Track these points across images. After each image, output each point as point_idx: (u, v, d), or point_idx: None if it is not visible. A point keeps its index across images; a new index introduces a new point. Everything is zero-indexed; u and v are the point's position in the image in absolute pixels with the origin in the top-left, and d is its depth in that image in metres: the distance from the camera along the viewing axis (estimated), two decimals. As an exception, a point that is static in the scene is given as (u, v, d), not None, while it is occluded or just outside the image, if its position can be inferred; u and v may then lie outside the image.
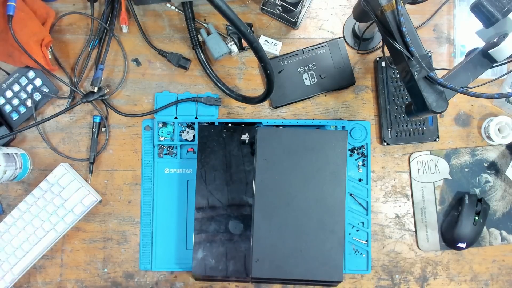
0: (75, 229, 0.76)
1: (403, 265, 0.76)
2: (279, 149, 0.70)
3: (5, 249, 0.72)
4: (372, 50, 0.79)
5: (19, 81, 0.76)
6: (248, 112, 0.78)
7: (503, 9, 0.47)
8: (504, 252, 0.77)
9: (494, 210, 0.77)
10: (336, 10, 0.79)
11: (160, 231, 0.75)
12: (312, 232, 0.69)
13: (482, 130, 0.77)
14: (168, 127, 0.77)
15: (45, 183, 0.74)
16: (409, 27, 0.50)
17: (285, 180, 0.70)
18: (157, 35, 0.78)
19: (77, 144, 0.77)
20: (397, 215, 0.77)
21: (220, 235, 0.70)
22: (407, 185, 0.78)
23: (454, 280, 0.76)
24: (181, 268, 0.75)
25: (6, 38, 0.69)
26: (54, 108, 0.78)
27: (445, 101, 0.51)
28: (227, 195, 0.70)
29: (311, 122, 0.76)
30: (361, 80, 0.78)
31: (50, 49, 0.76)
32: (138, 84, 0.78)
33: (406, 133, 0.76)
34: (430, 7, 0.78)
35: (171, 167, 0.76)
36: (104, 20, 0.77)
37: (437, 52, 0.79)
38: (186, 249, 0.75)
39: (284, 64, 0.77)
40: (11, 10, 0.66)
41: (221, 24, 0.78)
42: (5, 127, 0.75)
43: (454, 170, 0.77)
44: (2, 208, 0.76)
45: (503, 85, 0.78)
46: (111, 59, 0.78)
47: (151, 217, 0.75)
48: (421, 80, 0.51)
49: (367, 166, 0.76)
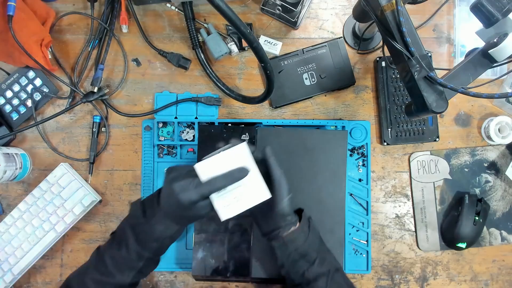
0: (75, 229, 0.76)
1: (403, 265, 0.76)
2: (279, 149, 0.70)
3: (5, 249, 0.72)
4: (372, 50, 0.79)
5: (19, 81, 0.76)
6: (248, 112, 0.78)
7: (503, 9, 0.47)
8: (504, 252, 0.77)
9: (494, 210, 0.77)
10: (336, 10, 0.79)
11: (160, 231, 0.75)
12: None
13: (482, 130, 0.77)
14: (168, 127, 0.77)
15: (45, 183, 0.74)
16: (409, 27, 0.50)
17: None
18: (157, 35, 0.78)
19: (77, 144, 0.77)
20: (397, 215, 0.77)
21: (220, 235, 0.70)
22: (407, 185, 0.78)
23: (454, 280, 0.76)
24: (181, 268, 0.75)
25: (6, 38, 0.68)
26: (54, 108, 0.78)
27: (445, 101, 0.51)
28: (227, 195, 0.70)
29: (311, 122, 0.76)
30: (361, 80, 0.78)
31: (50, 49, 0.76)
32: (138, 84, 0.78)
33: (406, 133, 0.76)
34: (430, 7, 0.79)
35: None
36: (104, 20, 0.77)
37: (437, 52, 0.79)
38: (186, 249, 0.75)
39: (284, 64, 0.76)
40: (11, 10, 0.66)
41: (221, 24, 0.78)
42: (5, 127, 0.75)
43: (454, 170, 0.77)
44: (2, 208, 0.76)
45: (503, 85, 0.78)
46: (111, 59, 0.78)
47: (151, 217, 0.75)
48: (421, 80, 0.51)
49: (367, 166, 0.76)
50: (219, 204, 0.52)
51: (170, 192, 0.51)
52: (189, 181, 0.51)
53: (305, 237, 0.58)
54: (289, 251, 0.57)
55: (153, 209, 0.55)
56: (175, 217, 0.54)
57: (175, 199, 0.51)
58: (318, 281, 0.56)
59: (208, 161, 0.52)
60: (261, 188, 0.53)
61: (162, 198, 0.54)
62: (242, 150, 0.53)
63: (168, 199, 0.53)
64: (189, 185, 0.51)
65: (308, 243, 0.58)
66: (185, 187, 0.51)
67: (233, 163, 0.52)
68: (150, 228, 0.54)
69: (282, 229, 0.58)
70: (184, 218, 0.55)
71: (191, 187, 0.50)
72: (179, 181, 0.51)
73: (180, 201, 0.50)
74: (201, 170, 0.51)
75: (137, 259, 0.55)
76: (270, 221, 0.59)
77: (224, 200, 0.52)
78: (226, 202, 0.52)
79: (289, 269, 0.59)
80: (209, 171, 0.51)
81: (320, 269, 0.57)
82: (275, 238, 0.58)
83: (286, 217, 0.58)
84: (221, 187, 0.51)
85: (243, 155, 0.53)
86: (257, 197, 0.53)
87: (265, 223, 0.60)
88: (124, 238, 0.55)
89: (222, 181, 0.51)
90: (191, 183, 0.51)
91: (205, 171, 0.51)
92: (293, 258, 0.58)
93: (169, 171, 0.55)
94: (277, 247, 0.59)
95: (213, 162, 0.52)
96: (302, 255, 0.57)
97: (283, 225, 0.58)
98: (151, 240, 0.55)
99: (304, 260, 0.57)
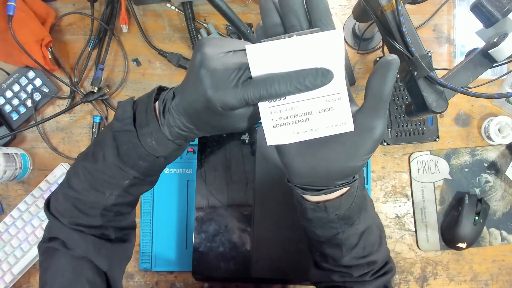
0: (75, 229, 0.76)
1: (403, 265, 0.76)
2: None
3: (4, 249, 0.72)
4: (372, 50, 0.79)
5: (19, 81, 0.76)
6: (248, 112, 0.78)
7: (503, 9, 0.47)
8: (504, 252, 0.77)
9: (494, 210, 0.77)
10: (336, 10, 0.79)
11: (160, 231, 0.75)
12: (312, 232, 0.69)
13: (482, 130, 0.77)
14: (168, 127, 0.76)
15: (45, 183, 0.74)
16: (409, 27, 0.50)
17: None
18: (157, 35, 0.78)
19: (77, 144, 0.77)
20: (397, 215, 0.77)
21: (220, 235, 0.70)
22: (407, 185, 0.78)
23: (454, 280, 0.76)
24: (181, 268, 0.75)
25: (6, 38, 0.68)
26: (54, 108, 0.78)
27: (445, 101, 0.51)
28: (227, 195, 0.70)
29: (311, 122, 0.76)
30: (361, 80, 0.78)
31: (50, 49, 0.76)
32: (138, 84, 0.78)
33: (406, 133, 0.76)
34: (430, 7, 0.78)
35: (171, 167, 0.76)
36: (104, 20, 0.77)
37: (437, 52, 0.79)
38: (186, 249, 0.75)
39: (284, 64, 0.76)
40: (11, 10, 0.66)
41: (221, 24, 0.78)
42: (5, 127, 0.75)
43: (454, 170, 0.77)
44: (2, 208, 0.76)
45: (503, 85, 0.78)
46: (111, 59, 0.78)
47: (151, 217, 0.75)
48: (421, 80, 0.51)
49: (367, 166, 0.76)
50: (269, 120, 0.33)
51: (199, 83, 0.33)
52: (231, 71, 0.32)
53: (351, 201, 0.40)
54: (326, 215, 0.40)
55: (147, 113, 0.39)
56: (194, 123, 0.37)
57: (201, 96, 0.33)
58: (350, 239, 0.42)
59: (272, 44, 0.31)
60: (345, 111, 0.34)
61: (181, 87, 0.37)
62: (332, 40, 0.31)
63: (190, 92, 0.35)
64: (230, 79, 0.32)
65: (352, 208, 0.40)
66: (222, 81, 0.32)
67: (311, 59, 0.32)
68: (143, 140, 0.39)
69: (330, 189, 0.38)
70: (208, 125, 0.37)
71: (231, 84, 0.32)
72: (215, 69, 0.32)
73: (210, 102, 0.32)
74: (255, 58, 0.32)
75: (120, 177, 0.41)
76: (321, 171, 0.36)
77: (280, 116, 0.33)
78: (282, 120, 0.33)
79: (318, 227, 0.42)
80: (267, 63, 0.32)
81: (356, 230, 0.42)
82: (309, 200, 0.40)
83: (349, 176, 0.37)
84: (281, 94, 0.32)
85: (331, 50, 0.32)
86: (334, 124, 0.34)
87: (308, 171, 0.36)
88: (103, 146, 0.41)
89: (286, 83, 0.31)
90: (234, 76, 0.32)
91: (261, 60, 0.32)
92: (328, 219, 0.41)
93: (204, 42, 0.34)
94: (310, 210, 0.40)
95: (278, 48, 0.31)
96: (341, 218, 0.41)
97: (335, 185, 0.38)
98: (138, 156, 0.40)
99: (343, 222, 0.41)
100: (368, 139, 0.34)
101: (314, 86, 0.32)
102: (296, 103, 0.33)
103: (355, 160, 0.35)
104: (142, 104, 0.41)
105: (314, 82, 0.31)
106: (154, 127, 0.39)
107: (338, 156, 0.35)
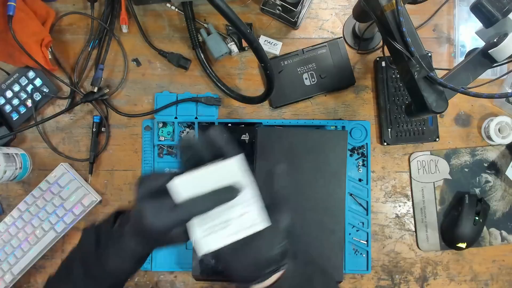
0: (75, 229, 0.76)
1: (403, 265, 0.76)
2: (279, 149, 0.70)
3: (4, 249, 0.72)
4: (372, 50, 0.79)
5: (19, 81, 0.76)
6: (248, 112, 0.78)
7: (503, 9, 0.47)
8: (504, 252, 0.77)
9: (494, 210, 0.77)
10: (336, 10, 0.79)
11: (160, 231, 0.75)
12: (312, 232, 0.69)
13: (482, 130, 0.77)
14: (168, 127, 0.77)
15: (45, 183, 0.74)
16: (409, 27, 0.50)
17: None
18: (157, 35, 0.78)
19: (77, 144, 0.77)
20: (397, 215, 0.77)
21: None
22: (407, 185, 0.78)
23: (454, 280, 0.76)
24: (181, 268, 0.75)
25: (6, 38, 0.68)
26: (54, 108, 0.78)
27: (445, 101, 0.51)
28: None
29: (311, 122, 0.76)
30: (361, 80, 0.78)
31: (50, 49, 0.76)
32: (138, 84, 0.78)
33: (406, 133, 0.76)
34: (430, 7, 0.78)
35: (171, 167, 0.76)
36: (104, 20, 0.77)
37: (437, 52, 0.79)
38: (186, 249, 0.75)
39: (284, 64, 0.76)
40: (11, 10, 0.66)
41: (221, 24, 0.78)
42: (5, 127, 0.75)
43: (454, 170, 0.77)
44: (2, 208, 0.76)
45: (503, 85, 0.78)
46: (111, 59, 0.78)
47: (151, 217, 0.75)
48: (421, 80, 0.51)
49: (367, 166, 0.76)
50: (199, 233, 0.40)
51: (139, 214, 0.40)
52: (162, 201, 0.39)
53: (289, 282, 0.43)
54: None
55: (109, 237, 0.44)
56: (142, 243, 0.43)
57: (142, 223, 0.39)
58: None
59: (188, 176, 0.39)
60: (257, 213, 0.40)
61: (130, 218, 0.43)
62: (234, 164, 0.40)
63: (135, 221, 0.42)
64: (162, 206, 0.39)
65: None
66: (157, 209, 0.39)
67: (221, 181, 0.39)
68: (105, 260, 0.44)
69: (262, 278, 0.42)
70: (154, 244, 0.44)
71: (164, 210, 0.38)
72: (149, 200, 0.39)
73: (150, 228, 0.39)
74: (178, 189, 0.39)
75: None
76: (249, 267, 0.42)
77: (206, 227, 0.40)
78: (209, 230, 0.40)
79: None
80: (188, 190, 0.39)
81: None
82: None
83: (273, 264, 0.42)
84: (202, 211, 0.39)
85: (236, 170, 0.40)
86: (250, 225, 0.40)
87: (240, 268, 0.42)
88: (72, 272, 0.46)
89: (203, 202, 0.38)
90: (164, 204, 0.39)
91: (183, 189, 0.39)
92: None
93: (140, 183, 0.41)
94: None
95: (194, 178, 0.39)
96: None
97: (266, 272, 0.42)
98: (105, 275, 0.44)
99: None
100: (276, 230, 0.42)
101: (227, 199, 0.39)
102: (218, 213, 0.40)
103: (274, 248, 0.42)
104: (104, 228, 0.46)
105: (225, 196, 0.39)
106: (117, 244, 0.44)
107: (260, 248, 0.42)
